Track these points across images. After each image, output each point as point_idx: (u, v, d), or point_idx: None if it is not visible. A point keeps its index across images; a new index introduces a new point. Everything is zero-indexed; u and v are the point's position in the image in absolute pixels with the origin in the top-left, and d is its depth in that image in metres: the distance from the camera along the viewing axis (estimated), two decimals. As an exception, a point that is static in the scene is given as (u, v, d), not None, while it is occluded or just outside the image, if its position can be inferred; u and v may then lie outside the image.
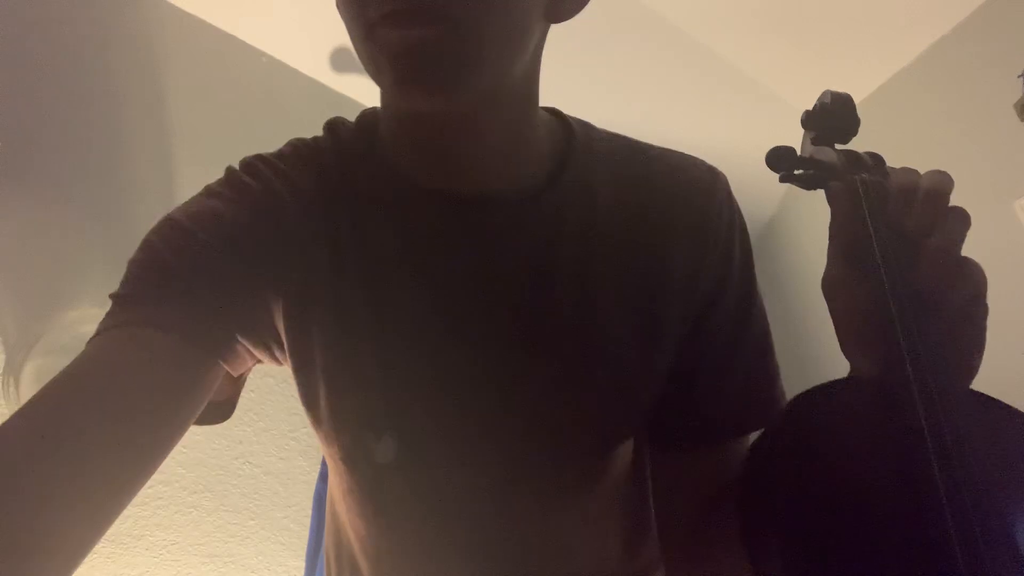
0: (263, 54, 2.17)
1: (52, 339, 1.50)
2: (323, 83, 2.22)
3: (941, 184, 0.49)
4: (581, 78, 2.36)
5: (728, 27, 2.40)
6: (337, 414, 0.58)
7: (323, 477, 1.54)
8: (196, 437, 1.63)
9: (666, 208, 0.60)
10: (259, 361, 0.60)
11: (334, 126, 0.66)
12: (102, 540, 0.97)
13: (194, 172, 1.91)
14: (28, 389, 1.46)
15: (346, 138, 0.63)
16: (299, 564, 1.58)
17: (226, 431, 1.67)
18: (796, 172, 0.59)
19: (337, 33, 2.19)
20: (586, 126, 0.66)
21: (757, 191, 0.74)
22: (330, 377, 0.57)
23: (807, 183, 0.59)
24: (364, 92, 2.20)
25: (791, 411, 0.51)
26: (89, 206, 1.73)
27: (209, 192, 0.60)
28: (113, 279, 0.58)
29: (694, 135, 2.43)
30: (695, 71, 2.45)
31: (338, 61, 2.21)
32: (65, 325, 1.54)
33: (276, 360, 0.60)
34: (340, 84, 2.22)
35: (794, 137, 0.74)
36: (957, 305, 0.47)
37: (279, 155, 0.63)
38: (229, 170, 0.62)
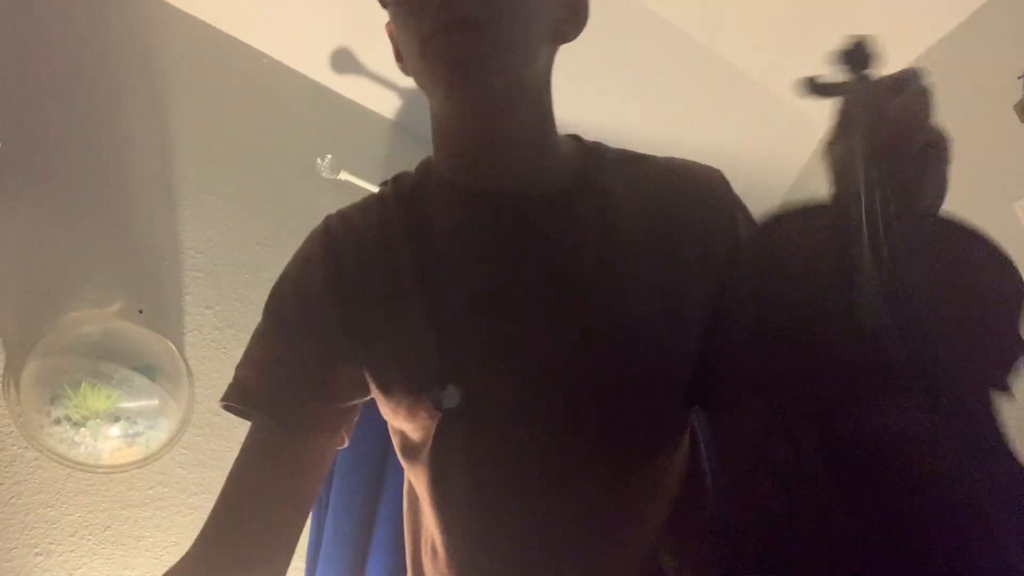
0: (263, 54, 2.17)
1: (53, 340, 1.49)
2: (323, 83, 2.22)
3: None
4: (582, 79, 2.36)
5: (728, 28, 2.40)
6: (407, 377, 0.69)
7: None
8: (196, 438, 1.63)
9: (669, 200, 0.73)
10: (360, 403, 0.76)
11: (397, 176, 0.80)
12: (102, 542, 1.31)
13: (194, 172, 1.91)
14: (28, 389, 1.46)
15: (403, 179, 0.78)
16: (299, 564, 1.58)
17: (227, 433, 1.67)
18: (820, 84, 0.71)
19: (337, 33, 2.19)
20: (600, 144, 0.79)
21: (757, 191, 0.75)
22: (397, 352, 0.69)
23: (826, 92, 0.70)
24: (364, 92, 2.20)
25: (764, 226, 0.62)
26: (89, 206, 1.73)
27: (303, 255, 0.78)
28: (113, 280, 0.59)
29: (694, 136, 2.43)
30: (695, 72, 2.45)
31: (338, 61, 2.20)
32: (66, 326, 1.54)
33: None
34: (340, 84, 2.22)
35: (794, 138, 0.74)
36: (918, 148, 0.59)
37: (353, 205, 0.80)
38: (312, 233, 0.79)
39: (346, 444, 0.77)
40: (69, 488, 1.48)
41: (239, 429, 1.69)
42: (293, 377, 0.72)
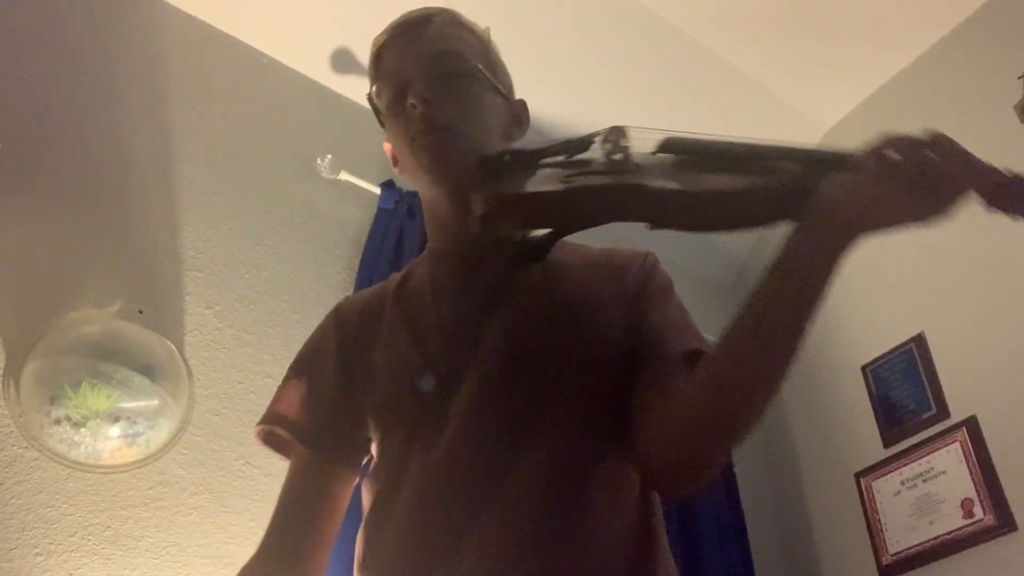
0: (263, 55, 2.17)
1: (53, 340, 1.49)
2: (323, 83, 2.22)
3: None
4: (582, 79, 2.36)
5: (729, 28, 2.40)
6: (391, 383, 0.88)
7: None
8: (197, 438, 1.62)
9: (598, 266, 0.93)
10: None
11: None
12: (102, 542, 1.39)
13: (194, 172, 1.91)
14: (28, 389, 1.46)
15: (411, 262, 1.02)
16: (299, 565, 1.58)
17: (227, 433, 1.67)
18: None
19: (337, 33, 2.19)
20: None
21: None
22: (389, 365, 0.89)
23: None
24: (364, 92, 2.20)
25: None
26: (89, 206, 1.73)
27: (320, 327, 0.99)
28: (114, 280, 0.59)
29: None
30: (696, 72, 2.45)
31: (338, 61, 2.21)
32: (66, 326, 1.54)
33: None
34: (340, 84, 2.22)
35: (793, 137, 0.74)
36: None
37: (363, 290, 1.08)
38: (328, 314, 1.00)
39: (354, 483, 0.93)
40: (69, 488, 1.48)
41: (238, 429, 1.71)
42: (322, 415, 0.92)
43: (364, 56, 0.86)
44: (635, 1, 2.31)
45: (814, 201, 0.68)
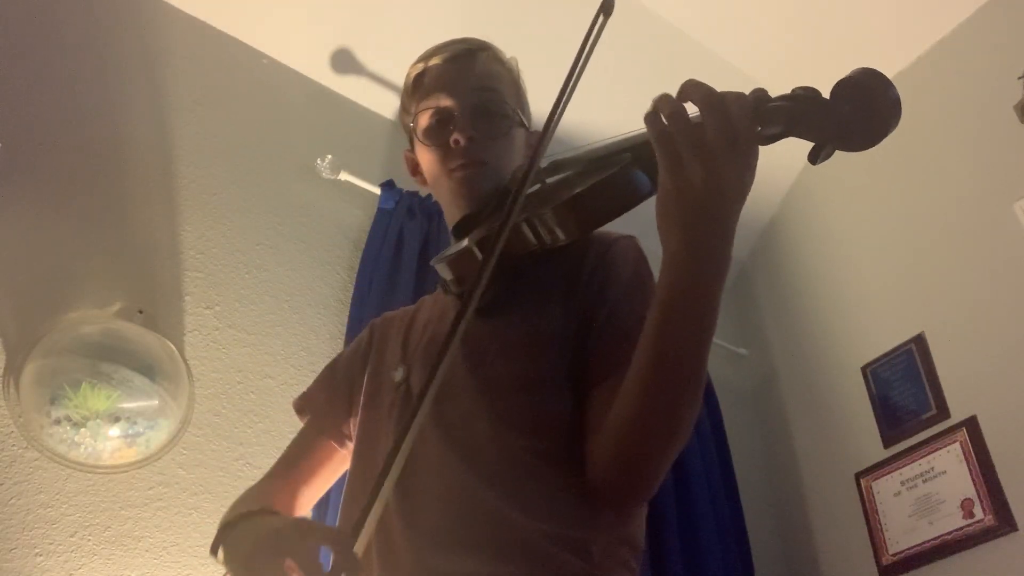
0: (263, 54, 2.17)
1: (53, 340, 1.49)
2: (323, 83, 2.22)
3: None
4: (582, 80, 2.35)
5: (728, 29, 2.40)
6: (379, 377, 1.03)
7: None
8: (196, 438, 1.62)
9: (562, 251, 0.90)
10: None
11: None
12: (102, 542, 1.46)
13: (194, 173, 1.91)
14: (28, 389, 1.46)
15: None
16: (299, 565, 1.58)
17: (227, 433, 1.67)
18: None
19: (337, 34, 2.19)
20: None
21: (758, 192, 0.75)
22: (382, 364, 1.04)
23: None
24: (364, 93, 2.20)
25: None
26: (89, 207, 1.73)
27: (358, 337, 1.16)
28: (114, 280, 0.58)
29: (694, 136, 2.43)
30: (695, 73, 2.45)
31: (338, 62, 2.20)
32: (66, 326, 1.53)
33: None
34: (340, 85, 2.22)
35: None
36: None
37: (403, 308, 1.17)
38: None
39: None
40: (69, 488, 1.48)
41: (239, 430, 1.70)
42: (328, 397, 1.11)
43: (364, 56, 0.85)
44: (635, 2, 2.31)
45: (659, 227, 0.72)
